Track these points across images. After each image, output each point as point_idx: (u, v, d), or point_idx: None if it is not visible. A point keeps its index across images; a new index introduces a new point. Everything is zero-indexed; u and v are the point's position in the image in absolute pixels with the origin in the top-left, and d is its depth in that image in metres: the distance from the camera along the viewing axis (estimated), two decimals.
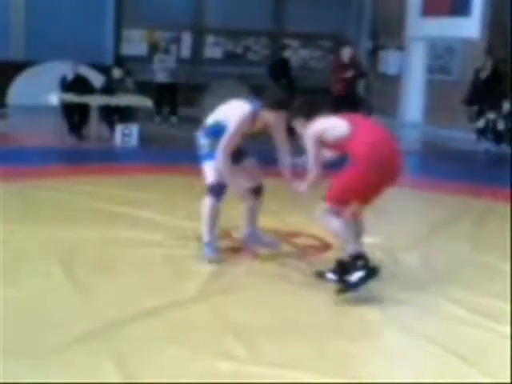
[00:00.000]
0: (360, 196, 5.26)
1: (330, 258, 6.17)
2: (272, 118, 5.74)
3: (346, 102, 13.95)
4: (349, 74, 13.98)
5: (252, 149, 6.09)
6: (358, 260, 5.13)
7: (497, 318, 4.93)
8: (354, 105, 14.12)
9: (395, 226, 7.51)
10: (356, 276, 5.09)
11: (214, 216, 5.90)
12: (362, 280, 5.08)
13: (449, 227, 7.49)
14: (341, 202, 5.24)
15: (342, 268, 5.29)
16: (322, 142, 5.33)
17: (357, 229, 5.48)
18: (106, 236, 6.46)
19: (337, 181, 5.27)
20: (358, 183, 5.15)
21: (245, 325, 4.67)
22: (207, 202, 5.86)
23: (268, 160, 6.18)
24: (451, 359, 4.26)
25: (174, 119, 15.52)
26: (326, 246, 6.52)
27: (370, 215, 7.66)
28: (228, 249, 6.24)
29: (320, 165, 5.41)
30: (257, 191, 6.17)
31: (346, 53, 14.02)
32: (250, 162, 6.08)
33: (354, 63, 14.12)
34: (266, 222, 6.50)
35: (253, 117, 5.72)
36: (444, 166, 11.67)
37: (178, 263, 5.85)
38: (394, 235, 7.00)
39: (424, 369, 4.25)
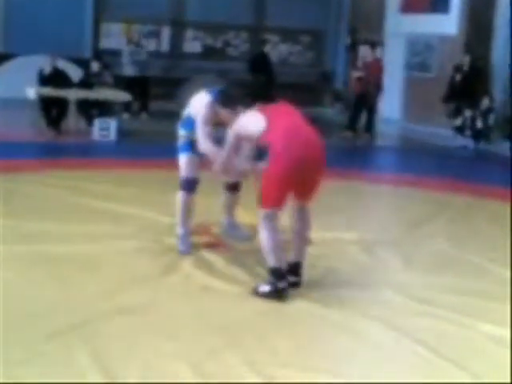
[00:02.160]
0: (285, 190, 5.06)
1: (312, 254, 6.21)
2: (224, 114, 5.64)
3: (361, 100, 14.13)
4: (356, 73, 14.20)
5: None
6: (273, 275, 5.07)
7: (477, 316, 4.93)
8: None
9: (373, 222, 7.53)
10: (264, 288, 5.07)
11: (187, 209, 5.98)
12: (265, 295, 5.04)
13: (427, 223, 7.51)
14: (272, 203, 5.07)
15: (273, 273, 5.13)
16: (243, 137, 5.35)
17: (301, 225, 5.38)
18: (83, 230, 6.43)
19: (263, 182, 5.11)
20: (280, 179, 4.99)
21: (226, 322, 4.66)
22: (180, 195, 5.95)
23: None
24: (433, 358, 4.27)
25: (144, 116, 15.04)
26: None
27: (348, 211, 7.77)
28: (205, 244, 6.23)
29: (230, 154, 5.41)
30: (235, 186, 6.22)
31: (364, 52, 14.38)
32: None
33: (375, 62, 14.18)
34: (242, 216, 6.53)
35: (213, 108, 5.69)
36: (423, 163, 11.73)
37: (155, 258, 5.83)
38: (371, 231, 7.01)
39: (406, 368, 4.23)
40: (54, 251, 5.82)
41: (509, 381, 4.00)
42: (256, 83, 5.56)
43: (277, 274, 5.04)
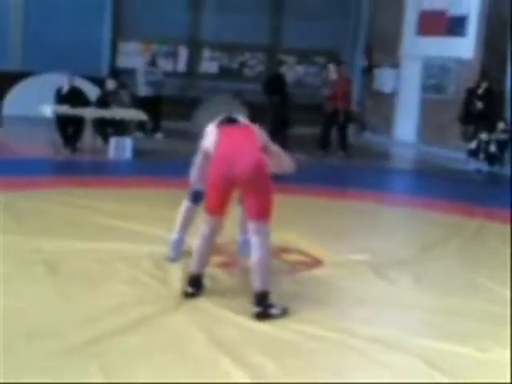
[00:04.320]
0: (216, 199, 5.38)
1: (320, 274, 6.24)
2: None
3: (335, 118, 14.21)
4: (329, 90, 14.24)
5: None
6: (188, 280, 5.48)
7: (487, 339, 4.92)
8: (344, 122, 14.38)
9: (385, 243, 7.52)
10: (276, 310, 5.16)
11: (187, 217, 6.29)
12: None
13: (440, 245, 7.51)
14: (208, 210, 5.46)
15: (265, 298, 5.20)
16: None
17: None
18: (93, 247, 6.48)
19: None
20: (210, 188, 5.39)
21: (232, 338, 4.68)
22: (184, 204, 6.28)
23: None
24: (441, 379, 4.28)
25: (159, 135, 15.05)
26: (316, 263, 6.54)
27: (360, 232, 7.78)
28: (219, 263, 6.26)
29: (197, 172, 5.75)
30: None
31: (330, 70, 14.37)
32: None
33: (341, 81, 14.31)
34: None
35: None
36: (436, 185, 11.71)
37: (164, 274, 5.88)
38: (383, 252, 7.03)
39: None
40: (64, 267, 5.88)
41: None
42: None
43: (192, 279, 5.39)
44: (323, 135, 14.45)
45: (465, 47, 15.11)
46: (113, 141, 12.11)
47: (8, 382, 3.73)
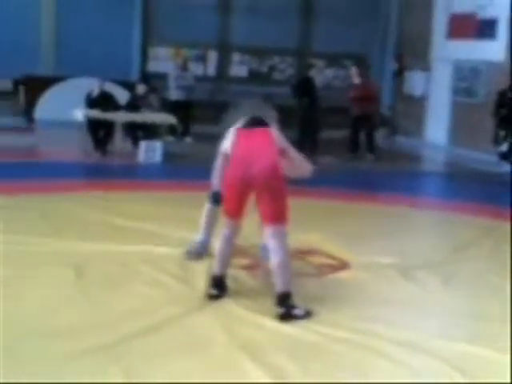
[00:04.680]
0: (233, 202, 5.44)
1: (346, 277, 6.23)
2: None
3: (361, 120, 14.20)
4: (352, 93, 14.19)
5: None
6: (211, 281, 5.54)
7: (502, 344, 4.87)
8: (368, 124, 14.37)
9: (414, 246, 7.48)
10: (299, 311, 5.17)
11: (210, 219, 6.37)
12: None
13: (469, 248, 7.45)
14: (226, 212, 5.53)
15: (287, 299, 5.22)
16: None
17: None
18: (118, 249, 6.54)
19: None
20: (227, 191, 5.48)
21: (254, 339, 4.69)
22: (206, 206, 6.37)
23: None
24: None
25: (188, 139, 15.13)
26: (342, 265, 6.53)
27: (390, 236, 7.74)
28: (242, 265, 6.28)
29: (218, 174, 5.85)
30: None
31: (352, 73, 14.33)
32: None
33: (364, 84, 14.30)
34: None
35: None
36: (467, 188, 11.63)
37: (188, 275, 5.91)
38: (411, 255, 7.00)
39: None
40: (89, 269, 5.93)
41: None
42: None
43: (214, 281, 5.45)
44: (351, 138, 14.46)
45: (495, 50, 14.98)
46: (143, 144, 12.20)
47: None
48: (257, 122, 5.53)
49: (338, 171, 12.91)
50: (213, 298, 5.40)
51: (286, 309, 5.12)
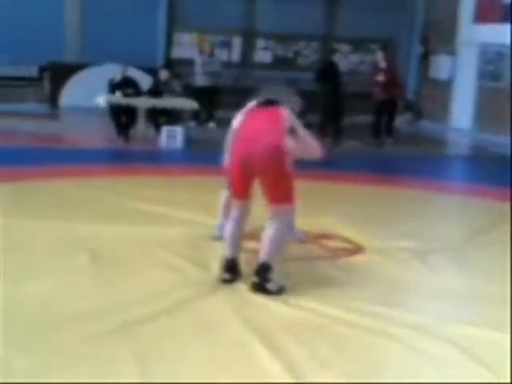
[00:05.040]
0: (237, 184, 5.45)
1: (361, 260, 6.21)
2: None
3: (385, 105, 14.08)
4: (379, 77, 14.04)
5: None
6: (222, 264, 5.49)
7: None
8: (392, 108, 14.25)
9: (433, 230, 7.42)
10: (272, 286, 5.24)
11: (226, 204, 6.21)
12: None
13: (488, 232, 7.38)
14: (231, 194, 5.56)
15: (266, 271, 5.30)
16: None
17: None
18: (135, 233, 6.56)
19: None
20: (232, 173, 5.47)
21: (267, 325, 4.68)
22: (223, 192, 6.33)
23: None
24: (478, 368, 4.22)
25: (211, 125, 15.05)
26: (357, 249, 6.51)
27: (409, 220, 7.69)
28: (256, 249, 6.27)
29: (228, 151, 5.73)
30: None
31: (378, 57, 14.27)
32: None
33: (390, 68, 14.19)
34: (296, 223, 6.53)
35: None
36: (490, 172, 11.51)
37: (203, 259, 5.92)
38: (429, 239, 6.95)
39: (447, 375, 4.17)
40: (104, 253, 5.97)
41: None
42: None
43: (227, 265, 5.39)
44: (374, 123, 14.37)
45: None
46: (164, 130, 12.23)
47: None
48: (268, 102, 5.51)
49: (360, 155, 12.88)
50: (226, 281, 5.39)
51: (261, 280, 5.21)
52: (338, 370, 4.09)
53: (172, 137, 12.10)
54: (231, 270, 5.44)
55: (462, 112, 16.71)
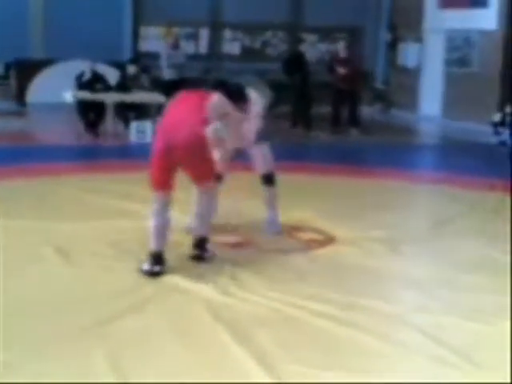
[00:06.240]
0: (160, 174, 5.51)
1: (332, 251, 6.22)
2: None
3: (345, 95, 14.05)
4: (341, 70, 13.97)
5: None
6: (151, 258, 5.51)
7: (500, 315, 4.86)
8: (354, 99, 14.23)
9: (403, 220, 7.43)
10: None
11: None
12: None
13: (458, 221, 7.40)
14: (154, 186, 5.57)
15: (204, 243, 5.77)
16: None
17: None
18: (105, 229, 6.52)
19: None
20: (154, 163, 5.52)
21: (238, 318, 4.67)
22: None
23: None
24: (453, 358, 4.20)
25: None
26: (329, 240, 6.52)
27: (379, 209, 7.71)
28: (232, 243, 6.28)
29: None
30: (265, 179, 6.47)
31: (340, 47, 14.32)
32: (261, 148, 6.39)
33: (351, 60, 14.16)
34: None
35: None
36: (459, 160, 11.56)
37: (178, 254, 5.86)
38: (400, 229, 6.97)
39: (424, 366, 4.16)
40: (71, 249, 5.94)
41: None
42: None
43: (154, 257, 5.43)
44: (333, 112, 14.36)
45: (488, 19, 14.88)
46: (134, 125, 12.16)
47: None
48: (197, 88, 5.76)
49: (330, 146, 12.89)
50: (155, 274, 5.38)
51: (201, 251, 5.70)
52: (310, 361, 4.08)
53: (141, 131, 12.03)
54: (159, 262, 5.44)
55: (430, 100, 16.78)
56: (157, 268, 5.41)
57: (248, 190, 7.13)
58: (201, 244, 5.72)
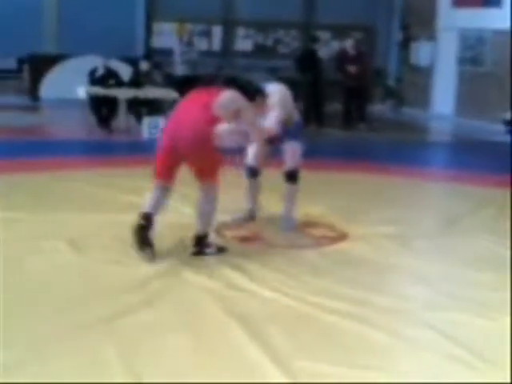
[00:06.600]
0: (163, 166, 5.68)
1: (343, 247, 6.23)
2: None
3: (355, 92, 14.07)
4: (351, 69, 13.97)
5: None
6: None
7: (497, 309, 4.88)
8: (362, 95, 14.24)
9: (414, 217, 7.43)
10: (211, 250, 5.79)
11: (251, 189, 6.77)
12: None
13: (468, 218, 7.40)
14: (157, 176, 5.73)
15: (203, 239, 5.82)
16: None
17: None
18: (115, 223, 6.48)
19: None
20: (159, 156, 5.68)
21: (250, 314, 4.67)
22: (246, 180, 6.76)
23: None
24: (463, 355, 4.21)
25: None
26: (341, 236, 6.53)
27: (389, 207, 7.72)
28: (241, 237, 6.30)
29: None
30: (288, 176, 6.54)
31: (348, 45, 14.34)
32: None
33: (360, 57, 14.16)
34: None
35: None
36: (471, 158, 11.56)
37: (181, 250, 5.88)
38: (411, 226, 6.98)
39: (434, 363, 4.15)
40: (90, 242, 5.97)
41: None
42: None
43: (143, 216, 5.61)
44: (344, 110, 14.40)
45: (501, 18, 14.84)
46: (146, 120, 12.19)
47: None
48: (209, 86, 5.79)
49: (342, 142, 12.90)
50: (140, 227, 5.57)
51: (200, 248, 5.74)
52: (322, 357, 4.08)
53: (154, 127, 12.04)
54: (147, 220, 5.62)
55: (443, 98, 16.76)
56: (143, 222, 5.60)
57: (268, 186, 7.07)
58: (199, 241, 5.77)
